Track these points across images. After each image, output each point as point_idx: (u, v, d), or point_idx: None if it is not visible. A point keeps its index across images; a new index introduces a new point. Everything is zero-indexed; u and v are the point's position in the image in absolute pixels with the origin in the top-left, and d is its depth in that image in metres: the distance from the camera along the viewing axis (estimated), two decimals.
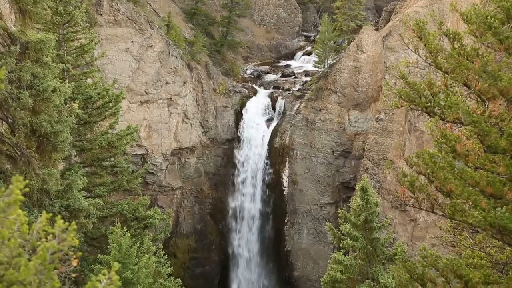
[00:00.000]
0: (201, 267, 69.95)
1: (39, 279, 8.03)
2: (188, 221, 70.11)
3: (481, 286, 16.33)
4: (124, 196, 45.80)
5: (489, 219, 14.85)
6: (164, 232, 44.52)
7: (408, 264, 18.39)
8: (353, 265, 30.02)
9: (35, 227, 8.11)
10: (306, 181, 66.44)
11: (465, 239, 28.86)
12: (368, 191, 30.24)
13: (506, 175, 15.53)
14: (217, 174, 70.48)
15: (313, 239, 66.94)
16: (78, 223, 29.79)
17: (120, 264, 30.71)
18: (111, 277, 7.46)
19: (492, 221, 14.87)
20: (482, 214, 15.00)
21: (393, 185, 55.93)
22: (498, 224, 14.87)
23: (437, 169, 16.90)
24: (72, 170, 34.67)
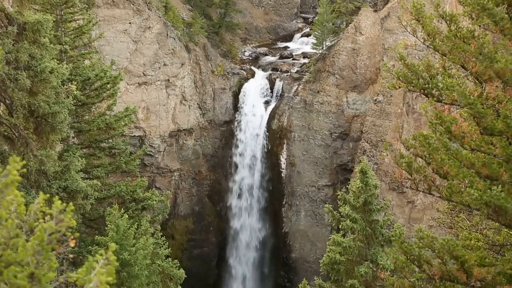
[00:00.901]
0: (199, 249, 70.13)
1: (37, 260, 8.06)
2: (186, 203, 70.22)
3: (477, 268, 16.40)
4: (122, 177, 45.86)
5: (485, 198, 14.89)
6: (162, 213, 44.60)
7: (404, 245, 18.44)
8: (352, 247, 30.12)
9: (32, 208, 8.12)
10: (304, 163, 66.50)
11: (462, 221, 28.96)
12: (367, 173, 30.31)
13: (502, 156, 15.55)
14: (215, 156, 70.51)
15: (310, 221, 67.09)
16: (76, 204, 29.83)
17: (117, 245, 30.78)
18: (108, 257, 7.49)
19: (487, 200, 14.90)
20: (478, 193, 15.04)
21: (391, 167, 56.01)
22: (493, 204, 14.92)
23: (433, 151, 16.93)
24: (70, 151, 34.69)
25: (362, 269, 29.23)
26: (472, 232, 22.82)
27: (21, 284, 7.78)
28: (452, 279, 17.13)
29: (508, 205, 15.10)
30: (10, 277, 7.81)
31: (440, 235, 21.28)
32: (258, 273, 69.57)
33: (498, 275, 16.18)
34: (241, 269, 69.59)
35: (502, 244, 18.80)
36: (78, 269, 7.59)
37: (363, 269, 29.18)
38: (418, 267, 18.26)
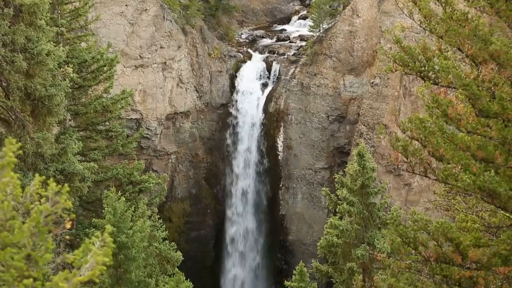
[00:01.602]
0: (196, 231, 70.29)
1: (33, 242, 8.09)
2: (183, 186, 70.30)
3: (472, 249, 16.47)
4: (119, 160, 45.89)
5: (478, 183, 14.94)
6: (159, 196, 44.69)
7: (400, 228, 18.50)
8: (349, 230, 30.24)
9: (28, 190, 8.15)
10: (300, 146, 66.55)
11: (459, 203, 29.03)
12: (365, 156, 30.37)
13: (498, 139, 15.58)
14: (212, 139, 70.54)
15: (307, 204, 67.24)
16: (73, 187, 29.88)
17: (115, 228, 30.84)
18: (104, 239, 7.53)
19: (481, 185, 14.95)
20: (471, 178, 15.07)
21: (388, 149, 56.08)
22: (487, 188, 14.96)
23: (428, 134, 16.95)
24: (66, 134, 34.68)
25: (359, 251, 29.36)
26: (469, 214, 22.89)
27: (18, 265, 7.81)
28: (448, 261, 17.20)
29: (501, 190, 15.14)
30: (6, 259, 7.84)
31: (437, 218, 21.37)
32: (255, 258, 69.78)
33: (493, 256, 16.25)
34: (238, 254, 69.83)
35: (498, 226, 18.87)
36: (75, 251, 7.63)
37: (360, 252, 29.31)
38: (414, 249, 18.33)
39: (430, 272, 18.09)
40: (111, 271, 31.76)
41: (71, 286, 7.40)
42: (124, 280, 31.81)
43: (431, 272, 18.04)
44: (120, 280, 31.85)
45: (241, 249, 69.77)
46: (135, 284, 32.01)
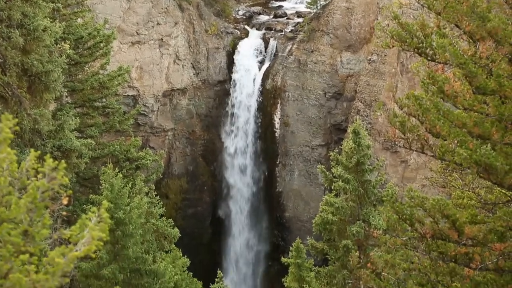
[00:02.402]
0: (193, 208, 70.43)
1: (30, 217, 8.10)
2: (180, 163, 70.35)
3: (469, 226, 16.53)
4: (116, 137, 45.88)
5: (475, 157, 14.95)
6: (156, 173, 44.74)
7: (396, 205, 18.54)
8: (344, 207, 30.30)
9: (24, 165, 8.14)
10: (297, 123, 66.54)
11: (455, 180, 29.09)
12: (360, 133, 30.37)
13: (495, 116, 15.58)
14: (209, 116, 70.47)
15: (304, 181, 67.34)
16: (70, 163, 29.90)
17: (112, 204, 30.90)
18: (101, 214, 7.54)
19: (477, 159, 14.96)
20: (468, 152, 15.09)
21: (385, 126, 56.09)
22: (484, 162, 14.98)
23: (425, 111, 16.95)
24: (63, 110, 34.63)
25: (354, 228, 29.45)
26: (465, 191, 22.95)
27: (14, 241, 7.83)
28: (444, 237, 17.26)
29: (498, 164, 15.17)
30: (3, 234, 7.85)
31: (433, 195, 21.45)
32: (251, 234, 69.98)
33: (489, 233, 16.32)
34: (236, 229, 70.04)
35: (494, 202, 18.92)
36: (72, 226, 7.64)
37: (355, 229, 29.40)
38: (410, 226, 18.39)
39: (426, 248, 18.17)
40: (108, 247, 31.85)
41: (67, 262, 7.42)
42: (122, 256, 31.91)
43: (427, 249, 18.12)
44: (118, 256, 31.95)
45: (237, 226, 69.94)
46: (133, 260, 32.12)
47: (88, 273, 31.62)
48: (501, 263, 16.77)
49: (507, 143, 15.55)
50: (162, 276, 33.45)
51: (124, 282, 31.96)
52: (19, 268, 7.76)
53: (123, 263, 31.89)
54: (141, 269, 32.45)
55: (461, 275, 17.62)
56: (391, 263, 21.02)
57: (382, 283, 22.45)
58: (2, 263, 7.70)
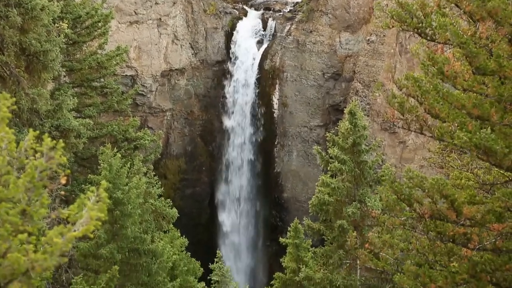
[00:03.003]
0: (192, 188, 70.49)
1: (28, 197, 8.10)
2: (178, 143, 70.32)
3: (467, 206, 16.55)
4: (114, 117, 45.84)
5: (475, 140, 14.94)
6: (154, 153, 44.76)
7: (395, 185, 18.55)
8: (341, 188, 30.31)
9: (22, 145, 8.12)
10: (296, 104, 66.45)
11: (453, 161, 29.11)
12: (356, 114, 30.33)
13: (494, 96, 15.56)
14: (207, 96, 70.34)
15: (302, 161, 67.36)
16: (68, 143, 29.91)
17: (110, 184, 30.92)
18: (99, 194, 7.53)
19: (477, 142, 14.96)
20: (467, 136, 15.08)
21: (383, 107, 56.01)
22: (483, 146, 14.98)
23: (424, 92, 16.92)
24: (61, 90, 34.60)
25: (350, 209, 29.47)
26: (463, 172, 22.95)
27: (13, 220, 7.83)
28: (442, 217, 17.29)
29: (497, 147, 15.17)
30: (1, 214, 7.85)
31: (431, 175, 21.42)
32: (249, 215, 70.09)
33: (487, 213, 16.35)
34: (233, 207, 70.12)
35: (492, 183, 18.93)
36: (70, 206, 7.63)
37: (351, 210, 29.43)
38: (409, 206, 18.42)
39: (425, 228, 18.21)
40: (107, 226, 31.91)
41: (65, 241, 7.41)
42: (120, 236, 31.97)
43: (425, 229, 18.16)
44: (116, 235, 32.02)
45: (235, 206, 70.03)
46: (131, 240, 32.19)
47: (86, 253, 31.70)
48: (499, 243, 16.82)
49: (506, 124, 15.54)
50: (160, 255, 33.54)
51: (122, 261, 32.04)
52: (18, 248, 7.77)
53: (121, 243, 31.96)
54: (140, 249, 32.53)
55: (459, 255, 17.68)
56: (389, 243, 21.11)
57: (380, 263, 22.54)
58: (0, 243, 7.70)
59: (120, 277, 31.11)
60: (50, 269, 7.93)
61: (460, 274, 16.92)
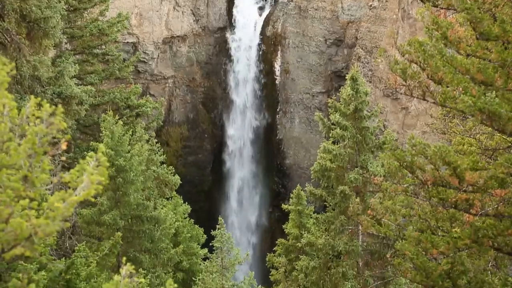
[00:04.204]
0: (194, 155, 70.57)
1: (30, 163, 8.09)
2: (180, 110, 70.27)
3: (469, 172, 16.53)
4: (116, 84, 45.81)
5: (479, 105, 14.88)
6: (156, 120, 44.77)
7: (397, 152, 18.51)
8: (342, 154, 30.27)
9: (24, 112, 8.09)
10: (298, 70, 66.25)
11: (456, 126, 29.09)
12: (358, 80, 30.22)
13: (497, 61, 15.47)
14: (209, 63, 70.14)
15: (304, 128, 67.32)
16: (70, 110, 29.90)
17: (112, 151, 30.95)
18: (98, 158, 7.50)
19: (481, 107, 14.90)
20: (472, 100, 15.02)
21: (385, 73, 55.86)
22: (487, 110, 14.92)
23: (428, 57, 16.82)
24: (63, 57, 34.50)
25: (352, 175, 29.47)
26: (465, 137, 22.94)
27: (14, 186, 7.82)
28: (445, 184, 17.29)
29: (502, 111, 15.12)
30: (3, 180, 7.84)
31: (433, 141, 21.43)
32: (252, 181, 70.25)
33: (490, 179, 16.32)
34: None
35: (495, 148, 18.91)
36: (71, 170, 7.62)
37: (353, 176, 29.43)
38: (411, 173, 18.40)
39: (427, 195, 18.22)
40: (109, 194, 32.00)
41: (67, 206, 7.41)
42: (123, 203, 32.08)
43: (428, 195, 18.17)
44: (119, 202, 32.12)
45: (237, 173, 70.17)
46: (134, 207, 32.30)
47: (89, 220, 31.83)
48: (501, 208, 16.84)
49: (510, 90, 15.47)
50: (163, 222, 33.69)
51: (125, 228, 32.18)
52: (20, 213, 7.77)
53: (124, 210, 32.07)
54: (142, 216, 32.66)
55: (461, 221, 17.71)
56: (391, 210, 21.14)
57: (382, 229, 22.60)
58: (3, 208, 7.70)
59: (123, 243, 31.27)
60: (52, 234, 7.94)
61: (462, 239, 16.94)
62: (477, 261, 18.65)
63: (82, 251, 24.69)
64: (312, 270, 31.52)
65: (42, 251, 22.10)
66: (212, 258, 31.19)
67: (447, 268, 17.85)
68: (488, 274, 18.59)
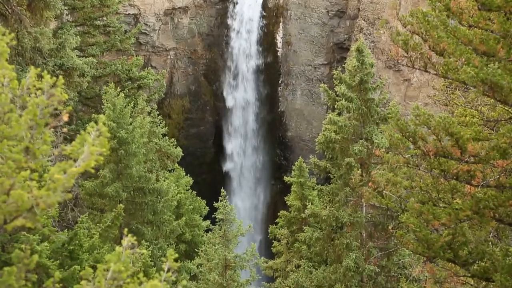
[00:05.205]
0: (196, 128, 70.56)
1: (31, 134, 8.08)
2: (182, 82, 70.13)
3: (472, 143, 16.52)
4: (118, 56, 45.75)
5: (481, 75, 14.83)
6: (158, 92, 44.77)
7: (400, 123, 18.49)
8: (347, 126, 30.25)
9: (25, 83, 8.07)
10: (300, 42, 66.00)
11: (458, 98, 29.05)
12: (363, 52, 30.13)
13: (500, 32, 15.41)
14: (211, 35, 69.88)
15: (306, 100, 67.21)
16: (72, 82, 29.89)
17: (114, 123, 30.96)
18: (99, 128, 7.50)
19: (484, 78, 14.85)
20: (474, 71, 14.97)
21: (388, 45, 55.65)
22: (490, 81, 14.87)
23: (431, 28, 16.75)
24: (64, 29, 34.41)
25: (357, 147, 29.46)
26: (467, 109, 22.89)
27: (16, 157, 7.83)
28: (446, 155, 17.29)
29: (504, 82, 15.08)
30: (5, 151, 7.85)
31: (435, 113, 21.37)
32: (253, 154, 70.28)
33: (492, 150, 16.31)
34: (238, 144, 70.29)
35: (497, 119, 18.88)
36: (72, 142, 7.62)
37: (358, 147, 29.42)
38: (413, 144, 18.39)
39: (428, 166, 18.22)
40: (111, 166, 32.07)
41: (68, 177, 7.41)
42: (125, 175, 32.16)
43: (429, 166, 18.18)
44: (121, 175, 32.20)
45: (240, 145, 70.19)
46: (136, 179, 32.39)
47: (92, 192, 31.94)
48: (502, 179, 16.85)
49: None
50: (165, 194, 33.79)
51: (127, 200, 32.31)
52: (21, 185, 7.78)
53: (126, 182, 32.17)
54: (145, 188, 32.76)
55: (462, 192, 17.73)
56: (393, 181, 21.15)
57: (383, 201, 22.63)
58: (4, 179, 7.71)
59: (126, 215, 31.39)
60: (54, 205, 7.96)
61: (464, 210, 16.97)
62: (478, 232, 18.71)
63: (85, 223, 24.81)
64: (316, 241, 31.66)
65: (45, 223, 22.20)
66: (215, 230, 31.31)
67: (449, 239, 17.91)
68: (489, 244, 18.64)
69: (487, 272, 17.47)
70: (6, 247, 19.69)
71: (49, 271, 20.07)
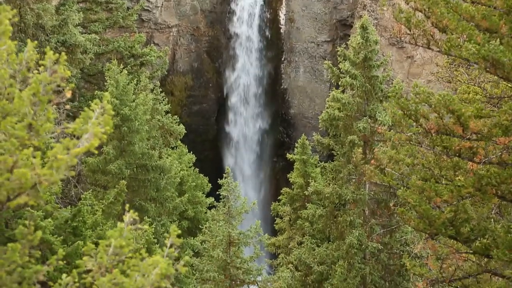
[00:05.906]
0: (198, 105, 70.50)
1: (34, 111, 8.09)
2: (185, 59, 69.99)
3: (473, 120, 16.51)
4: (120, 33, 45.63)
5: (483, 52, 14.80)
6: (160, 69, 44.72)
7: (401, 101, 18.47)
8: (351, 103, 30.21)
9: (22, 57, 8.06)
10: (303, 19, 65.77)
11: (461, 75, 28.99)
12: (368, 29, 30.05)
13: (502, 8, 15.35)
14: (213, 12, 69.62)
15: (309, 77, 67.07)
16: (75, 59, 29.86)
17: (117, 100, 30.98)
18: (103, 106, 7.51)
19: (485, 54, 14.82)
20: (476, 47, 14.94)
21: (391, 22, 55.44)
22: (491, 58, 14.84)
23: (432, 5, 16.69)
24: (66, 5, 34.30)
25: (361, 124, 29.44)
26: (471, 86, 22.88)
27: (19, 134, 7.84)
28: (448, 132, 17.29)
29: (505, 59, 15.05)
30: (8, 128, 7.85)
31: (439, 90, 21.37)
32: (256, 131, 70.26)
33: (494, 127, 16.31)
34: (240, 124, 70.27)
35: (500, 96, 18.86)
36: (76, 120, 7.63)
37: (361, 125, 29.40)
38: (415, 121, 18.38)
39: (431, 143, 18.23)
40: (114, 143, 32.12)
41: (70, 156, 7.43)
42: (128, 152, 32.22)
43: (431, 144, 18.18)
44: (124, 152, 32.26)
45: (242, 122, 70.15)
46: (139, 156, 32.45)
47: (95, 169, 32.01)
48: (504, 156, 16.86)
49: None
50: (168, 171, 33.86)
51: (130, 177, 32.39)
52: (25, 162, 7.80)
53: (129, 159, 32.23)
54: (147, 165, 32.83)
55: (465, 169, 17.74)
56: (395, 159, 21.16)
57: (385, 178, 22.65)
58: (7, 157, 7.73)
59: (129, 192, 31.49)
60: (57, 183, 7.97)
61: (466, 187, 17.00)
62: (481, 209, 18.73)
63: (88, 199, 24.89)
64: (319, 218, 31.73)
65: (48, 200, 22.29)
66: (219, 207, 31.39)
67: (451, 216, 17.95)
68: (491, 221, 18.69)
69: (488, 249, 17.53)
70: (9, 223, 19.78)
71: (52, 247, 20.19)
